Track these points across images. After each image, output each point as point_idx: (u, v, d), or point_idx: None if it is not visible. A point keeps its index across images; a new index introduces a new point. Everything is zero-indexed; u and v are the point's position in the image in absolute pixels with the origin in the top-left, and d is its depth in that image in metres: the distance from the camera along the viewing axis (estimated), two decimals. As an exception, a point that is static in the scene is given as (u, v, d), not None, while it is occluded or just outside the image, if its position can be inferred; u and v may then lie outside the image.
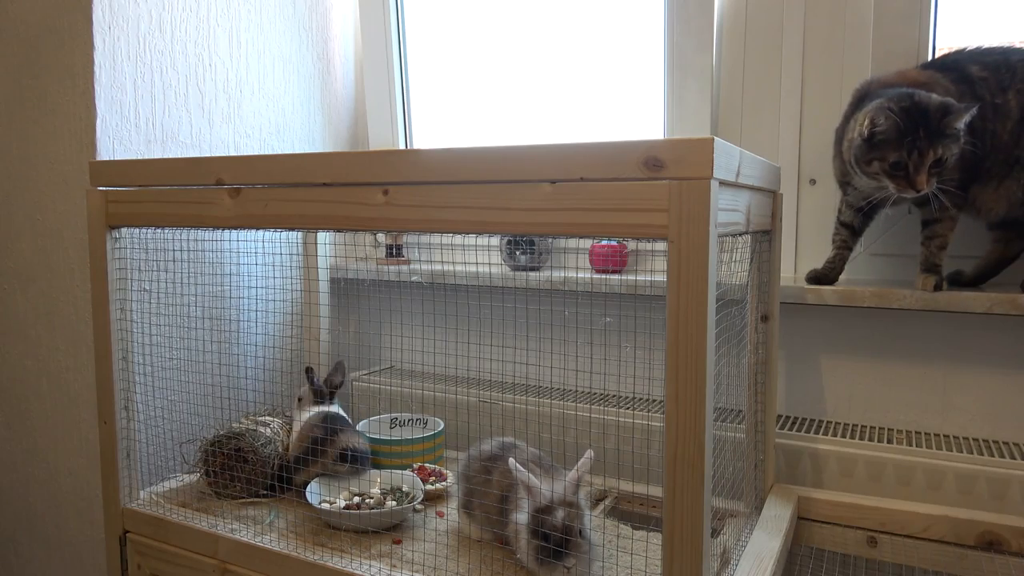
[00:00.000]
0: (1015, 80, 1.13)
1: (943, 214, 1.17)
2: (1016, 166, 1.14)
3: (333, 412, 1.34)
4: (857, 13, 1.33)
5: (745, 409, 1.20)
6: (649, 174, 0.76)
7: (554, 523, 0.95)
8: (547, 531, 0.95)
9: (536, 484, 0.99)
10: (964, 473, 1.17)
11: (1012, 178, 1.14)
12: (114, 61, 1.32)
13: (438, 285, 1.65)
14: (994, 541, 1.09)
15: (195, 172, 1.09)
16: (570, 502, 0.98)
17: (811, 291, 1.27)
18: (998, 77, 1.14)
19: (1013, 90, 1.13)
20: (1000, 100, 1.13)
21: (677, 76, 1.47)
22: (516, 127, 1.74)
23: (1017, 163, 1.13)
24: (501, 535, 1.07)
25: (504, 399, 1.50)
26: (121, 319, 1.21)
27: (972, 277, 1.24)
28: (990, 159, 1.15)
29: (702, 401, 0.76)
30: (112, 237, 1.19)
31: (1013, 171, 1.14)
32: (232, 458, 1.25)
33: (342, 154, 0.97)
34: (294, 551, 1.07)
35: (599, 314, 1.52)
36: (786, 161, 1.40)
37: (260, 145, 1.61)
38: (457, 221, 0.89)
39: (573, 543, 0.95)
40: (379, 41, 1.81)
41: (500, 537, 1.08)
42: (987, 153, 1.14)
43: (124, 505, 1.23)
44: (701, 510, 0.77)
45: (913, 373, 1.31)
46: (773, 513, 1.16)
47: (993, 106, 1.13)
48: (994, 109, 1.13)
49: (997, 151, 1.14)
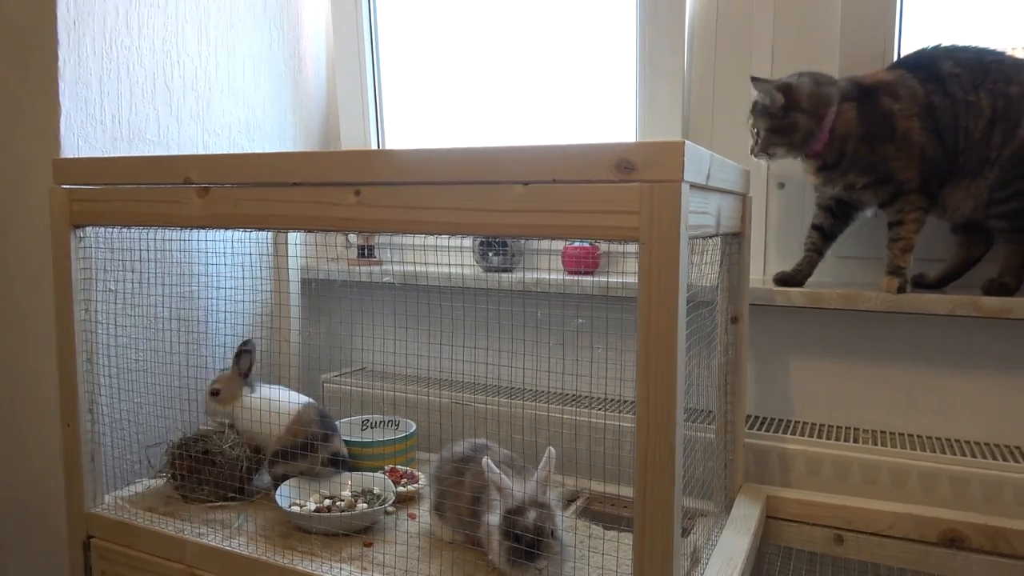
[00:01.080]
0: (987, 79, 1.14)
1: (906, 216, 1.19)
2: (986, 166, 1.16)
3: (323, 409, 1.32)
4: (825, 18, 1.36)
5: (715, 409, 1.21)
6: (621, 176, 0.77)
7: (525, 524, 0.96)
8: (519, 532, 0.95)
9: (508, 484, 0.99)
10: (927, 472, 1.20)
11: (982, 177, 1.16)
12: (79, 57, 1.29)
13: (410, 286, 1.65)
14: (956, 538, 1.11)
15: (163, 171, 1.08)
16: (541, 503, 0.98)
17: (780, 293, 1.29)
18: (971, 75, 1.15)
19: (985, 89, 1.14)
20: (972, 98, 1.15)
21: (649, 79, 1.48)
22: (489, 128, 1.74)
23: (987, 163, 1.16)
24: (473, 537, 1.07)
25: (476, 400, 1.50)
26: (86, 320, 1.19)
27: (936, 280, 1.27)
28: (964, 156, 1.16)
29: (672, 402, 0.77)
30: (76, 236, 1.17)
31: (982, 171, 1.16)
32: (200, 461, 1.23)
33: (313, 153, 0.96)
34: (263, 555, 1.06)
35: (571, 315, 1.52)
36: (756, 164, 1.42)
37: (229, 144, 1.59)
38: (429, 222, 0.88)
39: (544, 544, 0.95)
40: (351, 39, 1.79)
41: (472, 539, 1.08)
42: (962, 151, 1.16)
43: (88, 510, 1.20)
44: (671, 510, 0.78)
45: (878, 373, 1.34)
46: (742, 512, 1.17)
47: (965, 103, 1.15)
48: (966, 106, 1.15)
49: (971, 149, 1.16)
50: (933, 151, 1.17)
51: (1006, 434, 1.26)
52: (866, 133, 1.19)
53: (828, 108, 1.19)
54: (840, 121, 1.19)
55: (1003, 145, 1.14)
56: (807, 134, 1.19)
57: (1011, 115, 1.13)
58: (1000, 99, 1.13)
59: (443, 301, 1.63)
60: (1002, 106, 1.13)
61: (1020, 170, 1.14)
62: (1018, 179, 1.14)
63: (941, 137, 1.16)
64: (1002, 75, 1.14)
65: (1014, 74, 1.14)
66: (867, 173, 1.20)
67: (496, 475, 1.00)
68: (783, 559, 1.28)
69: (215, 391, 1.31)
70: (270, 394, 1.30)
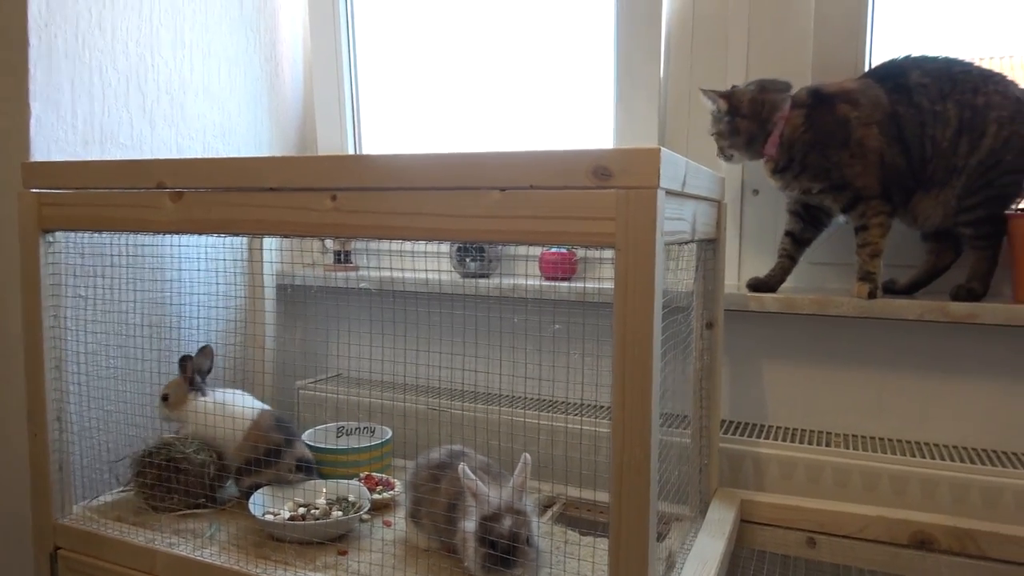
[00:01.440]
0: (955, 91, 1.17)
1: (869, 221, 1.21)
2: (953, 174, 1.18)
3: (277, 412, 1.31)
4: (798, 27, 1.38)
5: (690, 414, 1.22)
6: (597, 183, 0.77)
7: (501, 531, 0.95)
8: (494, 539, 0.95)
9: (484, 491, 0.99)
10: (897, 474, 1.22)
11: (950, 186, 1.19)
12: (50, 59, 1.27)
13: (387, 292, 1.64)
14: (925, 540, 1.13)
15: (135, 175, 1.06)
16: (517, 509, 0.98)
17: (754, 299, 1.30)
18: (939, 85, 1.18)
19: (952, 99, 1.17)
20: (939, 108, 1.17)
21: (626, 86, 1.50)
22: (467, 134, 1.74)
23: (954, 172, 1.18)
24: (449, 544, 1.06)
25: (453, 407, 1.50)
26: (55, 327, 1.17)
27: (906, 286, 1.29)
28: (933, 165, 1.19)
29: (648, 407, 0.77)
30: (46, 241, 1.15)
31: (950, 180, 1.18)
32: (166, 469, 1.21)
33: (289, 158, 0.96)
34: (235, 564, 1.05)
35: (548, 321, 1.53)
36: (730, 171, 1.43)
37: (204, 148, 1.58)
38: (406, 227, 0.88)
39: (520, 551, 0.95)
40: (329, 44, 1.79)
41: (448, 546, 1.07)
42: (929, 159, 1.19)
43: (56, 520, 1.18)
44: (647, 515, 0.78)
45: (850, 378, 1.36)
46: (717, 516, 1.18)
47: (932, 113, 1.17)
48: (933, 116, 1.17)
49: (939, 158, 1.18)
50: (894, 159, 1.19)
51: (973, 437, 1.29)
52: (817, 139, 1.22)
53: (774, 114, 1.24)
54: (788, 127, 1.23)
55: (969, 154, 1.16)
56: (751, 138, 1.25)
57: (977, 125, 1.16)
58: (967, 110, 1.16)
59: (420, 307, 1.62)
60: (968, 116, 1.16)
61: (986, 179, 1.16)
62: (984, 187, 1.17)
63: (906, 145, 1.19)
64: (969, 86, 1.17)
65: (981, 85, 1.16)
66: (820, 178, 1.23)
67: (472, 481, 1.00)
68: (757, 562, 1.29)
69: (164, 396, 1.31)
70: (224, 399, 1.29)
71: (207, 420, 1.25)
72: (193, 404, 1.28)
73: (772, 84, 1.27)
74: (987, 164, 1.16)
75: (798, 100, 1.25)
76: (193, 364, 1.30)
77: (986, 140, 1.15)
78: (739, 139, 1.26)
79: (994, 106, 1.15)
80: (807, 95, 1.25)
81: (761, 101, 1.25)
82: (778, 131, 1.24)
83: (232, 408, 1.26)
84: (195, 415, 1.27)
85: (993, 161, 1.15)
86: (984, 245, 1.20)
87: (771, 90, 1.26)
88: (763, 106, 1.24)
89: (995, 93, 1.16)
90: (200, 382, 1.31)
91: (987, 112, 1.15)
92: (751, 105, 1.25)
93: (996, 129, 1.15)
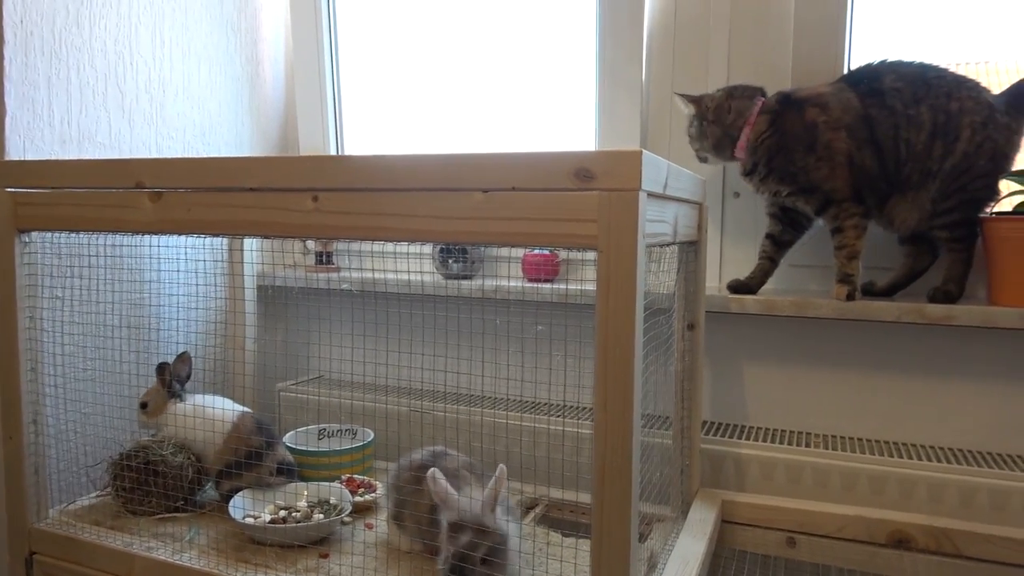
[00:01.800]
0: (929, 95, 1.19)
1: (843, 223, 1.23)
2: (928, 178, 1.20)
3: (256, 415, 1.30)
4: (779, 31, 1.39)
5: (672, 415, 1.23)
6: (579, 185, 0.78)
7: (457, 546, 0.95)
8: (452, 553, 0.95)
9: (453, 497, 0.98)
10: (876, 474, 1.23)
11: (924, 189, 1.20)
12: (26, 56, 1.26)
13: (369, 293, 1.63)
14: (903, 539, 1.14)
15: (114, 174, 1.05)
16: (482, 525, 0.96)
17: (735, 300, 1.31)
18: (913, 89, 1.19)
19: (926, 104, 1.18)
20: (913, 112, 1.19)
21: (608, 88, 1.50)
22: (449, 135, 1.74)
23: (929, 175, 1.20)
24: (431, 546, 1.06)
25: (435, 408, 1.49)
26: (30, 328, 1.15)
27: (885, 288, 1.31)
28: (908, 168, 1.20)
29: (630, 408, 0.77)
30: (22, 241, 1.13)
31: (926, 183, 1.20)
32: (143, 472, 1.20)
33: (270, 159, 0.95)
34: (215, 568, 1.04)
35: (531, 323, 1.53)
36: (711, 174, 1.44)
37: (184, 148, 1.56)
38: (389, 228, 0.88)
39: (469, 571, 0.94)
40: (310, 45, 1.78)
41: (430, 548, 1.07)
42: (904, 162, 1.20)
43: (31, 524, 1.16)
44: (629, 516, 0.78)
45: (830, 379, 1.37)
46: (698, 517, 1.18)
47: (906, 117, 1.19)
48: (907, 119, 1.19)
49: (913, 161, 1.20)
50: (865, 161, 1.21)
51: (950, 437, 1.30)
52: (782, 143, 1.24)
53: (740, 118, 1.27)
54: (753, 131, 1.26)
55: (944, 158, 1.18)
56: (718, 142, 1.29)
57: (951, 130, 1.17)
58: (941, 114, 1.18)
59: (402, 308, 1.62)
60: (943, 121, 1.18)
61: (960, 183, 1.18)
62: (958, 191, 1.18)
63: (879, 147, 1.20)
64: (943, 91, 1.18)
65: (954, 90, 1.18)
66: (787, 182, 1.25)
67: (442, 488, 0.99)
68: (737, 562, 1.30)
69: (143, 403, 1.29)
70: (203, 403, 1.28)
71: (187, 425, 1.25)
72: (172, 410, 1.27)
73: (742, 90, 1.29)
74: (961, 168, 1.17)
75: (767, 106, 1.27)
76: (171, 371, 1.29)
77: (960, 144, 1.17)
78: (707, 143, 1.31)
79: (967, 111, 1.17)
80: (776, 100, 1.27)
81: (728, 107, 1.28)
82: (745, 136, 1.27)
83: (212, 412, 1.25)
84: (175, 421, 1.26)
85: (967, 166, 1.17)
86: (959, 248, 1.22)
87: (739, 96, 1.29)
88: (729, 111, 1.28)
89: (968, 99, 1.18)
90: (179, 388, 1.30)
91: (961, 117, 1.17)
92: (716, 111, 1.29)
93: (970, 134, 1.17)
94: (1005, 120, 1.17)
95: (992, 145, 1.17)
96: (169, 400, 1.28)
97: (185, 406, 1.27)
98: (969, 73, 1.23)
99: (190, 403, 1.28)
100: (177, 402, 1.28)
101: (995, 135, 1.17)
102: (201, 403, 1.28)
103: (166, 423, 1.27)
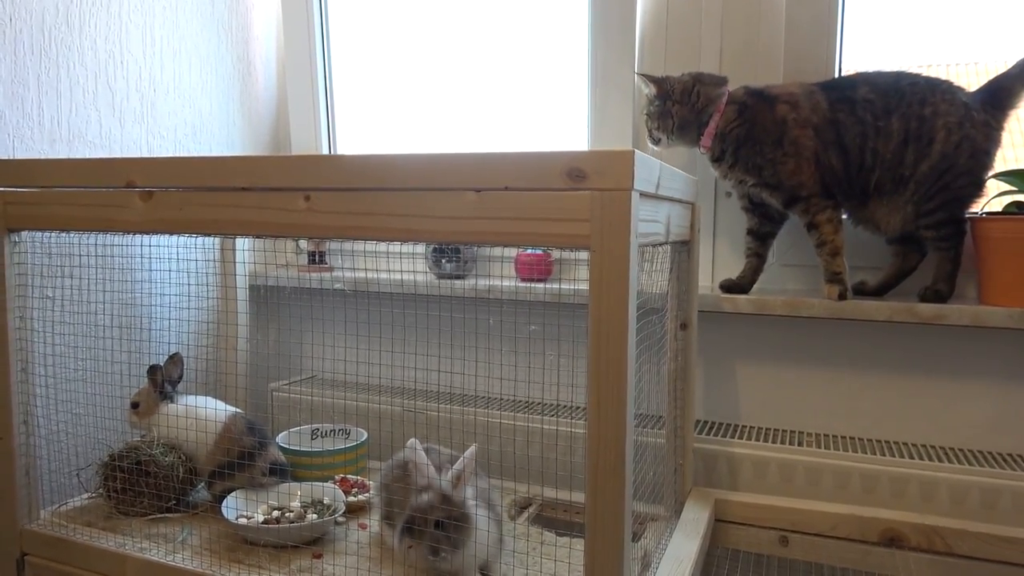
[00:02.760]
0: (902, 104, 1.21)
1: (815, 218, 1.24)
2: (903, 184, 1.21)
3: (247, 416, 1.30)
4: (770, 32, 1.39)
5: (665, 415, 1.23)
6: (572, 184, 0.78)
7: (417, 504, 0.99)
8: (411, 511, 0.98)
9: (424, 463, 1.02)
10: (868, 473, 1.23)
11: (900, 195, 1.22)
12: (15, 55, 1.25)
13: (362, 293, 1.63)
14: (895, 537, 1.15)
15: (104, 173, 1.04)
16: (445, 494, 1.00)
17: (727, 300, 1.31)
18: (885, 101, 1.22)
19: (898, 113, 1.21)
20: (883, 123, 1.21)
21: (600, 88, 1.50)
22: (442, 134, 1.74)
23: (902, 181, 1.21)
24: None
25: (428, 408, 1.49)
26: (20, 328, 1.14)
27: (875, 287, 1.31)
28: (877, 175, 1.23)
29: (623, 408, 0.77)
30: (11, 241, 1.13)
31: (900, 188, 1.22)
32: (134, 473, 1.19)
33: (262, 158, 0.95)
34: (208, 569, 1.03)
35: (524, 322, 1.53)
36: (703, 174, 1.44)
37: (175, 147, 1.56)
38: (381, 228, 0.88)
39: (420, 532, 0.97)
40: (302, 43, 1.77)
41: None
42: (870, 169, 1.22)
43: (23, 526, 1.15)
44: (622, 515, 0.78)
45: (822, 378, 1.38)
46: (692, 516, 1.19)
47: (875, 128, 1.21)
48: (876, 131, 1.21)
49: (884, 168, 1.22)
50: (830, 161, 1.23)
51: (941, 436, 1.31)
52: (749, 134, 1.26)
53: (709, 105, 1.28)
54: (722, 120, 1.27)
55: (917, 163, 1.20)
56: (683, 123, 1.30)
57: (924, 134, 1.19)
58: (913, 120, 1.20)
59: (395, 308, 1.62)
60: (915, 127, 1.20)
61: (942, 182, 1.19)
62: (941, 191, 1.19)
63: (845, 152, 1.23)
64: (917, 97, 1.20)
65: (928, 95, 1.20)
66: (752, 173, 1.27)
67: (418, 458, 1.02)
68: (731, 561, 1.30)
69: (134, 404, 1.29)
70: (195, 404, 1.28)
71: (178, 426, 1.24)
72: (164, 411, 1.27)
73: (709, 77, 1.31)
74: (941, 168, 1.19)
75: (735, 96, 1.28)
76: (163, 372, 1.28)
77: (936, 146, 1.18)
78: (670, 122, 1.31)
79: (941, 113, 1.19)
80: (744, 93, 1.29)
81: (697, 92, 1.29)
82: (714, 123, 1.28)
83: (203, 413, 1.25)
84: (166, 421, 1.26)
85: (947, 165, 1.18)
86: (946, 247, 1.22)
87: (707, 83, 1.30)
88: (698, 97, 1.29)
89: (942, 102, 1.19)
90: (170, 390, 1.29)
91: (934, 120, 1.19)
92: (683, 93, 1.30)
93: (945, 135, 1.18)
94: (983, 117, 1.19)
95: (971, 144, 1.18)
96: (160, 401, 1.28)
97: (176, 407, 1.27)
98: (959, 74, 1.24)
99: (181, 404, 1.28)
100: (168, 403, 1.28)
101: (972, 133, 1.18)
102: (192, 404, 1.28)
103: (157, 424, 1.26)
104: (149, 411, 1.28)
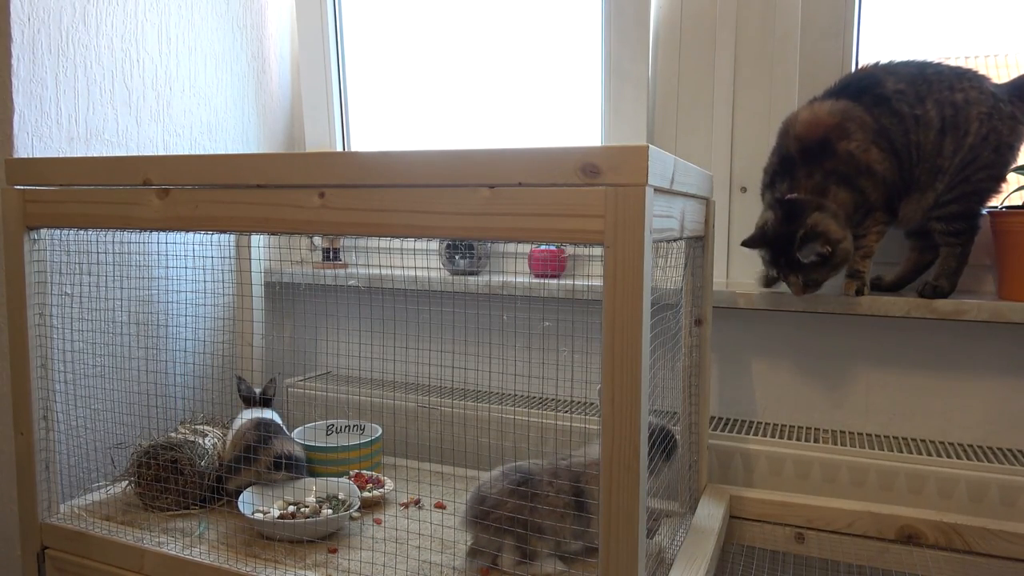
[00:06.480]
0: (931, 91, 1.16)
1: (869, 230, 1.21)
2: (937, 175, 1.18)
3: (266, 418, 1.31)
4: (785, 28, 1.38)
5: (680, 411, 1.22)
6: (586, 180, 0.77)
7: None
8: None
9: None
10: (885, 470, 1.22)
11: (932, 189, 1.19)
12: (34, 54, 1.26)
13: (376, 289, 1.64)
14: (913, 535, 1.14)
15: (121, 171, 1.05)
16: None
17: (742, 295, 1.30)
18: (915, 88, 1.17)
19: (931, 100, 1.16)
20: (920, 111, 1.16)
21: (614, 84, 1.50)
22: (455, 130, 1.74)
23: (939, 173, 1.18)
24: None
25: (443, 404, 1.49)
26: (40, 324, 1.16)
27: (892, 283, 1.30)
28: (919, 169, 1.18)
29: (637, 404, 0.77)
30: (31, 238, 1.14)
31: (933, 181, 1.18)
32: (166, 469, 1.21)
33: (277, 155, 0.95)
34: (225, 563, 1.04)
35: (538, 318, 1.53)
36: (718, 169, 1.44)
37: (191, 145, 1.57)
38: (395, 225, 0.88)
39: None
40: (316, 41, 1.78)
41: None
42: (916, 163, 1.18)
43: (43, 520, 1.17)
44: (637, 511, 0.78)
45: (838, 374, 1.37)
46: (707, 512, 1.18)
47: (914, 118, 1.17)
48: (915, 121, 1.17)
49: (925, 161, 1.17)
50: (892, 171, 1.18)
51: (959, 433, 1.30)
52: (841, 180, 1.17)
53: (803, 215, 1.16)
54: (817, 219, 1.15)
55: (954, 154, 1.16)
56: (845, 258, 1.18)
57: (959, 123, 1.15)
58: (948, 107, 1.15)
59: (409, 304, 1.62)
60: (951, 114, 1.15)
61: (964, 175, 1.17)
62: (961, 183, 1.17)
63: (897, 156, 1.18)
64: (945, 84, 1.16)
65: (956, 81, 1.16)
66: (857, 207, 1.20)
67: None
68: (746, 558, 1.30)
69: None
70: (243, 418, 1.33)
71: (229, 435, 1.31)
72: (236, 420, 1.35)
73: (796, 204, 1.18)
74: (966, 160, 1.16)
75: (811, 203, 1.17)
76: (244, 383, 1.39)
77: (968, 138, 1.15)
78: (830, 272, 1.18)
79: (973, 101, 1.15)
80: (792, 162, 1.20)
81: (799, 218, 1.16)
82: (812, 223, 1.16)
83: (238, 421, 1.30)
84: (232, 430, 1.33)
85: (972, 157, 1.15)
86: (954, 242, 1.19)
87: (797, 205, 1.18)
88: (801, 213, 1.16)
89: (972, 88, 1.15)
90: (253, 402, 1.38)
91: (968, 108, 1.15)
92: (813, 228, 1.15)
93: (977, 126, 1.15)
94: (1009, 110, 1.16)
95: (996, 136, 1.15)
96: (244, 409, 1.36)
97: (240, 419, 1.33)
98: (979, 67, 1.22)
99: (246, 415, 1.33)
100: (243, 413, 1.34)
101: (999, 126, 1.15)
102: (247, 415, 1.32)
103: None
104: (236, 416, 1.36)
